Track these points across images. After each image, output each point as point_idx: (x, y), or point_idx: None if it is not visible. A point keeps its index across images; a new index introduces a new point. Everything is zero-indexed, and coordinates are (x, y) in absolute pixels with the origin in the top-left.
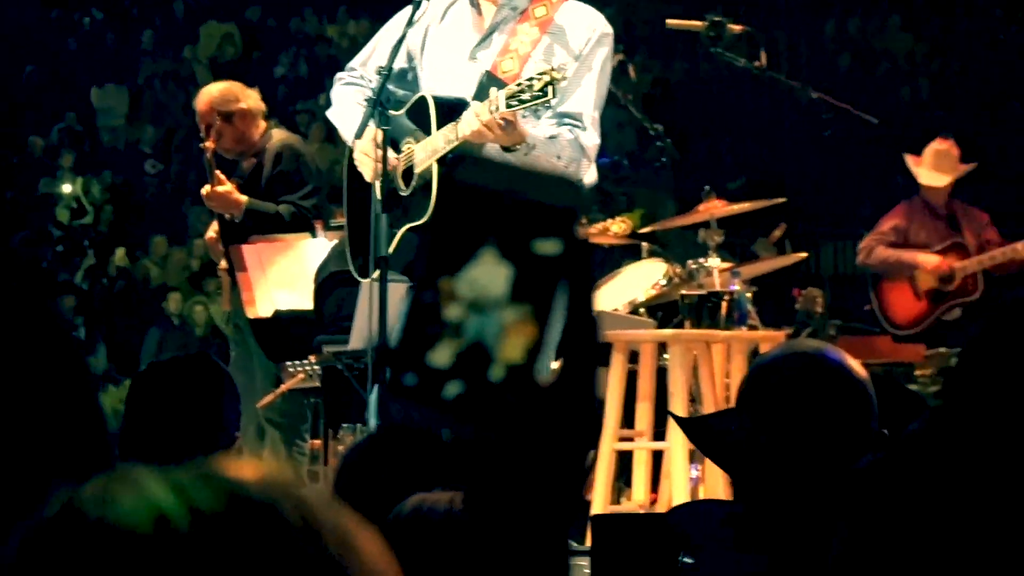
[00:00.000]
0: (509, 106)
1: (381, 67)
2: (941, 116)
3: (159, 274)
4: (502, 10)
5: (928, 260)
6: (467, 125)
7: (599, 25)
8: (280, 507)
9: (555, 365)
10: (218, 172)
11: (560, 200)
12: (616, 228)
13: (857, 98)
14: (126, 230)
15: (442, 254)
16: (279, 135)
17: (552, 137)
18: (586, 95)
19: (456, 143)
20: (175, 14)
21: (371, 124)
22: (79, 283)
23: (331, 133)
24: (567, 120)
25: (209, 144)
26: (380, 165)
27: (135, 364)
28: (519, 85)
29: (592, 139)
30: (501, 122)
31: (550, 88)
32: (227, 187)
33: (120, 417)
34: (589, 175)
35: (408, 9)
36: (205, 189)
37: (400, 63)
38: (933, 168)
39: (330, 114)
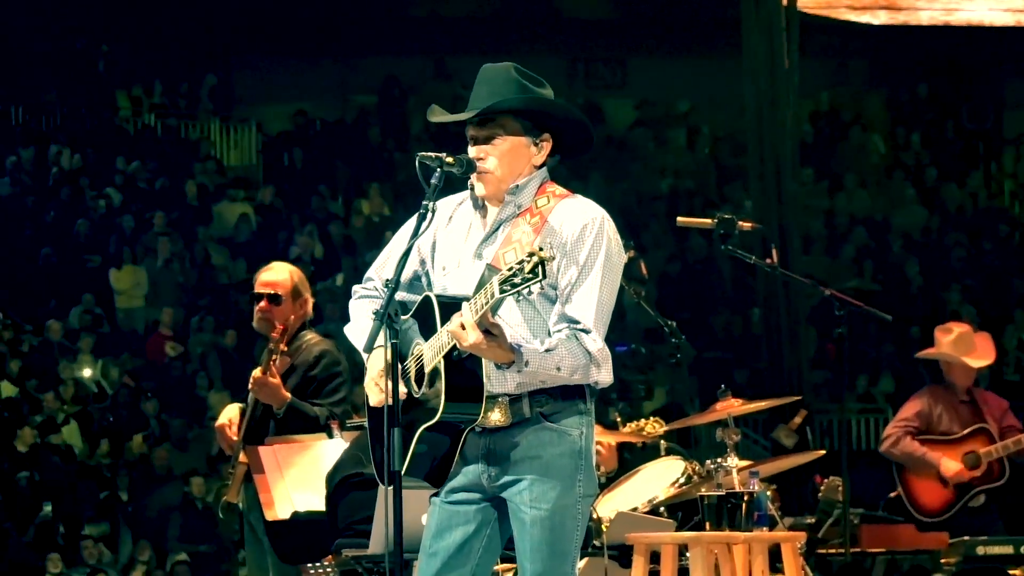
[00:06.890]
0: (503, 291)
1: (388, 280)
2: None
3: (180, 458)
4: (506, 207)
5: (949, 467)
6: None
7: (594, 220)
8: None
9: None
10: (273, 364)
11: None
12: (649, 428)
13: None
14: (146, 413)
15: None
16: (315, 338)
17: (550, 350)
18: (588, 299)
19: None
20: (186, 196)
21: (379, 343)
22: (102, 470)
23: (345, 313)
24: (571, 324)
25: (278, 333)
26: (389, 390)
27: (163, 553)
28: (510, 270)
29: (599, 343)
30: (489, 313)
31: (540, 268)
32: (277, 380)
33: None
34: (602, 376)
35: (416, 218)
36: (256, 373)
37: (409, 272)
38: (967, 352)
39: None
